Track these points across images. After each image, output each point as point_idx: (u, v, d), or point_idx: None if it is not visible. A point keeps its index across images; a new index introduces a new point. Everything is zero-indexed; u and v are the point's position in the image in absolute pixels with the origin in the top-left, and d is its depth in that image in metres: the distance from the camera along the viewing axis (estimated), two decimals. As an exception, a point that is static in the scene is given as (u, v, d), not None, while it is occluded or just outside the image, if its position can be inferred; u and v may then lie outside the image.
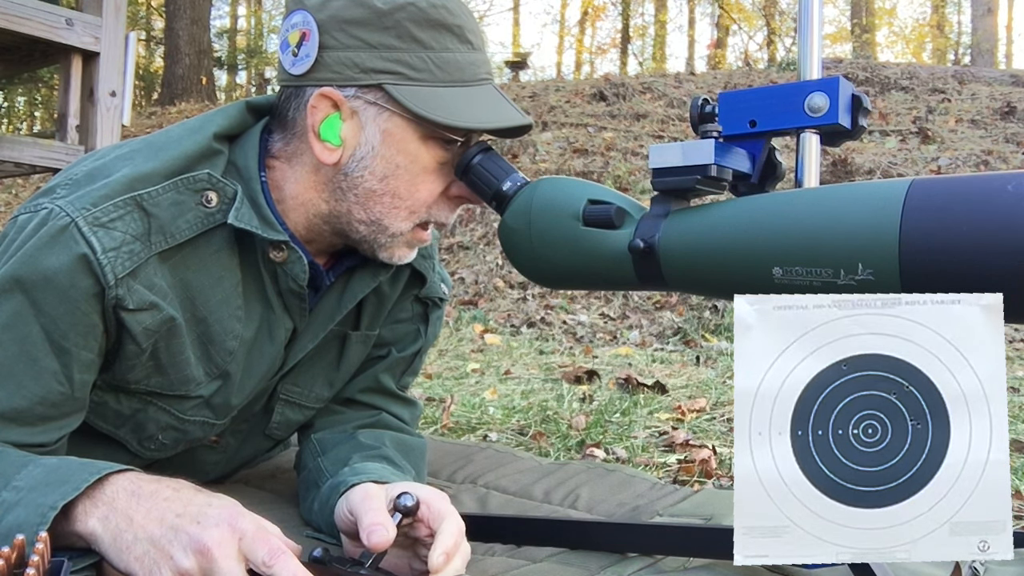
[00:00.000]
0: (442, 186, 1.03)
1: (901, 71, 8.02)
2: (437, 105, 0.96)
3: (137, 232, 0.93)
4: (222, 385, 1.05)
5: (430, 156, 1.00)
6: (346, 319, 1.15)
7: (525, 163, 6.10)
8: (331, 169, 1.00)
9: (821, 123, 0.90)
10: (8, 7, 2.48)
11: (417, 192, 1.01)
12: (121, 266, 0.91)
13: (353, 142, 0.99)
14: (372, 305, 1.17)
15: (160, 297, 0.96)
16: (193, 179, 0.97)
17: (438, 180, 1.02)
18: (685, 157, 0.90)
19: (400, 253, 1.05)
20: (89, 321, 0.92)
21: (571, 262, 0.95)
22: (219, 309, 1.01)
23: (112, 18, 2.74)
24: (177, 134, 1.01)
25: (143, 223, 0.94)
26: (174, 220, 0.96)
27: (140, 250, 0.93)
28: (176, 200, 0.96)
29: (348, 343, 1.17)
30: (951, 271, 0.70)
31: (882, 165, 5.45)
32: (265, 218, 0.99)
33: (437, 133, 0.98)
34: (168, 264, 0.97)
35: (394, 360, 1.23)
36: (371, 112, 0.98)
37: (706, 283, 0.89)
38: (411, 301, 1.23)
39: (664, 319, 4.11)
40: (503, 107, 1.01)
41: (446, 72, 0.98)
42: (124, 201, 0.93)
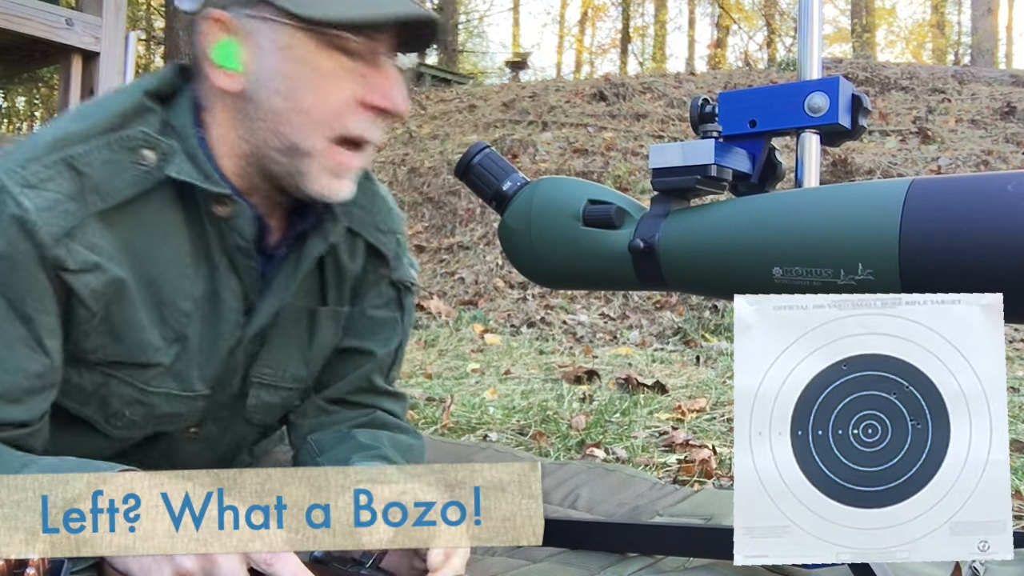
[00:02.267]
0: (351, 93, 0.96)
1: (901, 71, 8.02)
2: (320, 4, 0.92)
3: (70, 191, 0.92)
4: (181, 350, 1.03)
5: (331, 63, 0.95)
6: (312, 294, 1.13)
7: (525, 163, 6.10)
8: (239, 100, 0.97)
9: (821, 123, 0.90)
10: (8, 7, 2.48)
11: (322, 102, 0.95)
12: (57, 226, 0.91)
13: (253, 65, 0.96)
14: (334, 278, 1.14)
15: (104, 258, 0.94)
16: (127, 137, 0.96)
17: (345, 87, 0.96)
18: (685, 157, 0.90)
19: (325, 183, 0.98)
20: (40, 284, 0.91)
21: (571, 262, 0.95)
22: (168, 269, 0.99)
23: (112, 18, 2.74)
24: (106, 97, 1.00)
25: (75, 182, 0.93)
26: (109, 179, 0.94)
27: (75, 209, 0.92)
28: (109, 159, 0.95)
29: (317, 319, 1.15)
30: (951, 271, 0.69)
31: (882, 165, 5.45)
32: (205, 172, 0.97)
33: (331, 38, 0.94)
34: (110, 225, 0.95)
35: (381, 359, 1.21)
36: (264, 29, 0.95)
37: (706, 283, 0.89)
38: (385, 285, 1.19)
39: (664, 319, 4.11)
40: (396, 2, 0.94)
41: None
42: (53, 161, 0.92)
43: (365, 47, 0.95)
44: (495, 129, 7.23)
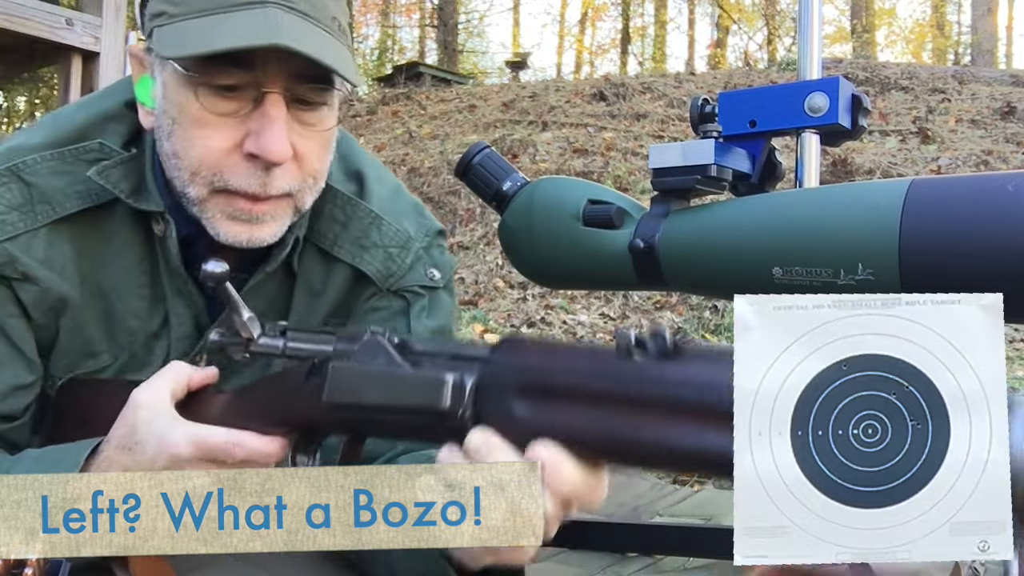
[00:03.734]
0: (226, 141, 0.86)
1: (901, 71, 8.02)
2: (176, 39, 0.84)
3: (13, 202, 0.91)
4: (126, 367, 1.01)
5: (199, 106, 0.86)
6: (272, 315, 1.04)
7: (525, 163, 6.10)
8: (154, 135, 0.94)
9: (821, 123, 0.90)
10: (8, 7, 2.48)
11: (192, 149, 0.87)
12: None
13: (158, 104, 0.90)
14: (302, 302, 1.06)
15: (54, 271, 0.93)
16: (83, 149, 0.94)
17: (218, 133, 0.86)
18: (685, 157, 0.90)
19: (225, 228, 0.90)
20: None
21: (571, 262, 0.95)
22: (119, 284, 0.98)
23: (112, 18, 2.74)
24: (77, 104, 0.99)
25: (22, 194, 0.92)
26: (62, 190, 0.93)
27: (18, 220, 0.91)
28: (60, 170, 0.93)
29: None
30: (951, 271, 0.70)
31: (882, 165, 5.45)
32: (140, 186, 0.93)
33: (198, 77, 0.84)
34: (63, 237, 0.94)
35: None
36: (158, 65, 0.89)
37: (706, 283, 0.89)
38: (383, 297, 1.07)
39: (664, 319, 4.11)
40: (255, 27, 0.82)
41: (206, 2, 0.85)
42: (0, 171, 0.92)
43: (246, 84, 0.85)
44: (495, 129, 7.23)
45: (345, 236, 1.04)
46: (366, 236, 1.05)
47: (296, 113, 0.88)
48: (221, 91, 0.85)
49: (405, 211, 1.09)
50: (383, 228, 1.05)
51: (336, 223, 1.04)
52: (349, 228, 1.04)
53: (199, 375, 0.89)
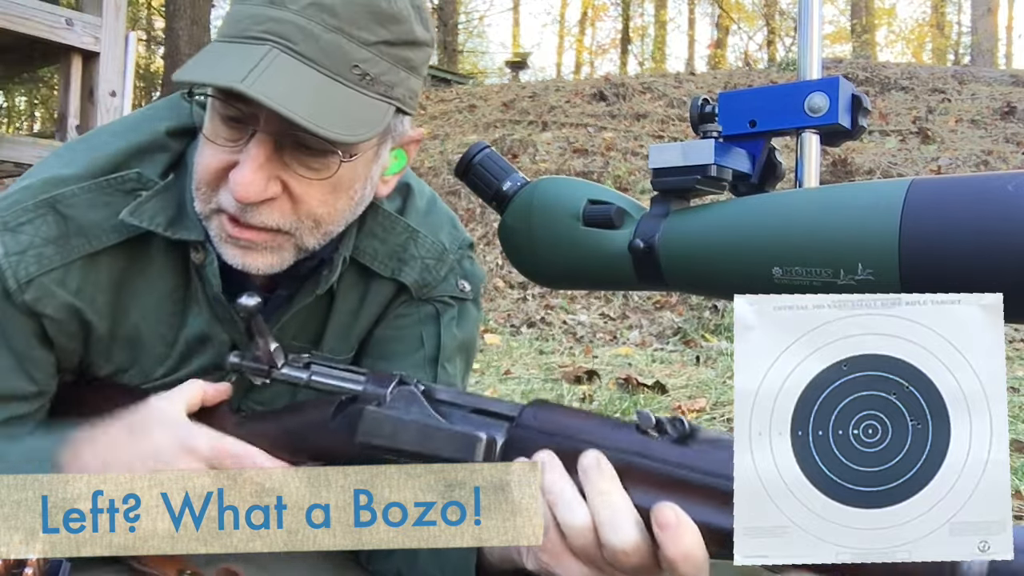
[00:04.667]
0: (219, 164, 0.87)
1: (901, 71, 8.02)
2: (193, 60, 0.84)
3: (49, 236, 0.90)
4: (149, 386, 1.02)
5: (211, 128, 0.88)
6: (311, 338, 1.07)
7: (525, 163, 6.11)
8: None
9: (821, 123, 0.90)
10: (8, 7, 2.48)
11: (198, 166, 0.89)
12: (24, 270, 0.89)
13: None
14: (339, 324, 1.08)
15: (85, 301, 0.93)
16: (121, 179, 0.93)
17: (214, 157, 0.87)
18: (685, 157, 0.90)
19: (224, 249, 0.90)
20: (18, 322, 0.91)
21: (571, 262, 0.95)
22: (150, 314, 0.98)
23: (112, 18, 2.74)
24: (112, 131, 0.98)
25: (58, 226, 0.91)
26: (98, 224, 0.92)
27: (53, 254, 0.90)
28: (97, 202, 0.92)
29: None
30: (951, 271, 0.70)
31: (882, 165, 5.45)
32: (180, 216, 0.93)
33: (218, 102, 0.86)
34: (102, 267, 0.94)
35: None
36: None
37: (706, 283, 0.89)
38: (412, 303, 1.10)
39: (664, 319, 4.11)
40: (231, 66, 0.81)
41: (225, 27, 0.86)
42: (36, 204, 0.91)
43: (246, 117, 0.85)
44: (495, 129, 7.23)
45: (384, 251, 1.06)
46: (404, 250, 1.07)
47: (297, 156, 0.86)
48: (227, 119, 0.86)
49: (441, 223, 1.12)
50: (420, 241, 1.08)
51: (375, 239, 1.05)
52: (388, 243, 1.06)
53: (213, 390, 0.91)
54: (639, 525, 0.69)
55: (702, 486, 0.69)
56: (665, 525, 0.67)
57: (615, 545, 0.68)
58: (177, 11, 11.42)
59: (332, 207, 0.91)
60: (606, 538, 0.69)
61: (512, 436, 0.78)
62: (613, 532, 0.69)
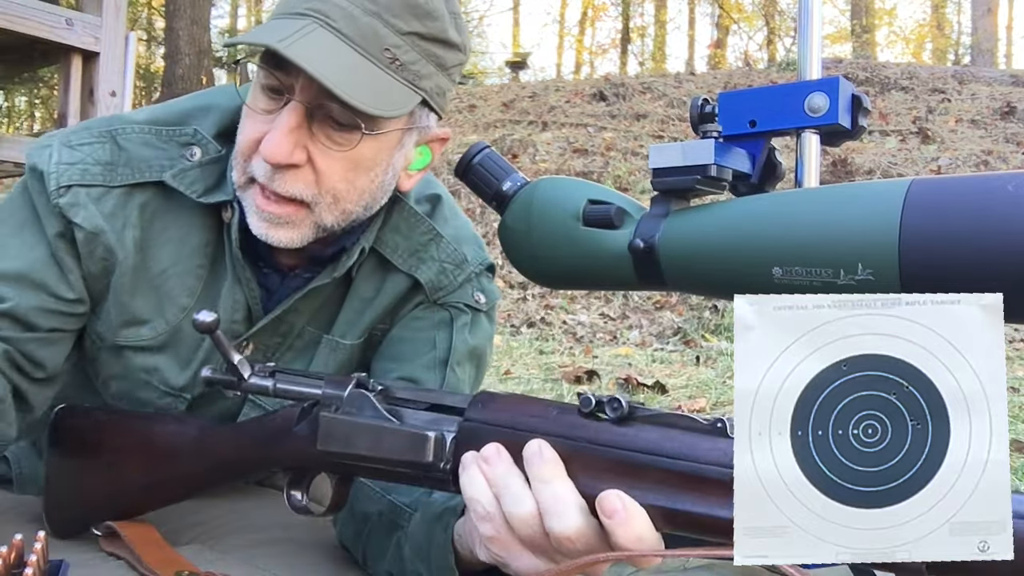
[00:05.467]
0: (256, 134, 0.93)
1: (901, 71, 8.02)
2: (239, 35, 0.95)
3: (100, 159, 0.98)
4: (168, 341, 1.05)
5: (253, 98, 0.95)
6: (324, 322, 1.11)
7: (525, 163, 6.11)
8: None
9: (821, 123, 0.90)
10: (8, 7, 2.48)
11: (240, 136, 0.96)
12: (68, 178, 0.97)
13: None
14: (351, 311, 1.11)
15: (115, 229, 0.98)
16: (178, 131, 1.01)
17: (253, 127, 0.94)
18: (685, 157, 0.90)
19: (255, 224, 0.95)
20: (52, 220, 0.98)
21: (571, 262, 0.95)
22: (180, 261, 1.03)
23: (112, 18, 2.74)
24: (189, 95, 1.06)
25: (112, 154, 0.99)
26: (146, 160, 0.99)
27: (98, 173, 0.98)
28: (152, 143, 1.00)
29: (318, 348, 1.12)
30: (951, 271, 0.69)
31: (882, 165, 5.45)
32: (218, 182, 1.00)
33: (261, 74, 0.93)
34: (138, 202, 1.00)
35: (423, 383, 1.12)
36: None
37: (706, 283, 0.89)
38: (428, 308, 1.13)
39: (664, 319, 4.11)
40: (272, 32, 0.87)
41: (277, 8, 0.94)
42: (100, 132, 1.00)
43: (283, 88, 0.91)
44: (495, 129, 7.23)
45: (405, 246, 1.10)
46: (424, 249, 1.11)
47: (324, 128, 0.92)
48: (266, 90, 0.93)
49: (467, 238, 1.16)
50: (441, 245, 1.12)
51: (398, 233, 1.10)
52: (410, 239, 1.10)
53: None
54: (584, 511, 0.70)
55: (643, 466, 0.69)
56: (612, 513, 0.68)
57: (559, 532, 0.69)
58: (177, 11, 11.42)
59: (352, 184, 0.96)
60: (550, 526, 0.69)
61: (462, 430, 0.79)
62: (557, 519, 0.69)
